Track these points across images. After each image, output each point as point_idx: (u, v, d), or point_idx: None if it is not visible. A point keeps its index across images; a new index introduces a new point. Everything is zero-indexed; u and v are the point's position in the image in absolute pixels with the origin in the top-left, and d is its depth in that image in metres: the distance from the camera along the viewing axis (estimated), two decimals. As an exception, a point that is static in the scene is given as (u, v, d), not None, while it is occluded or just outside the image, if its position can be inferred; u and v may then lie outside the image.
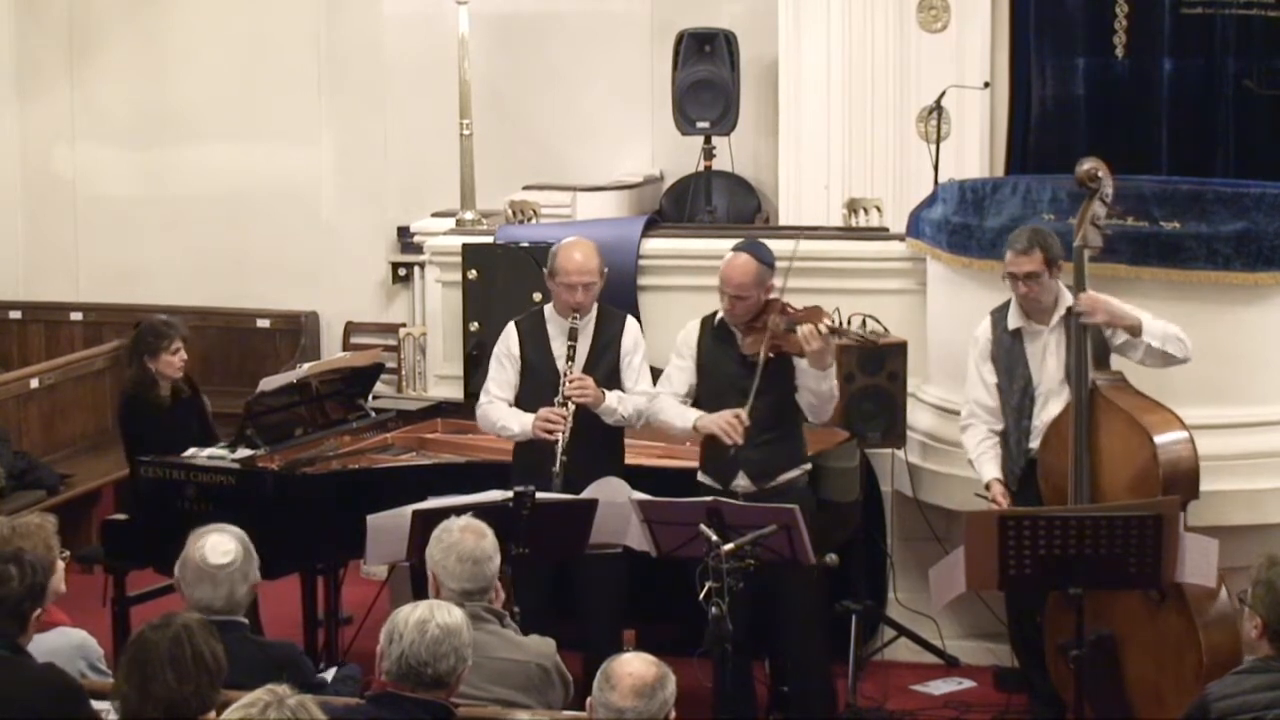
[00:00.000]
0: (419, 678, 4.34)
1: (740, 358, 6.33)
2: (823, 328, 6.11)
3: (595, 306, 6.54)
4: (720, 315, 6.41)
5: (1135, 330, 6.25)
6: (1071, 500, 6.17)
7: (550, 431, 6.31)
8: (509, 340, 6.59)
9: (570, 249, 6.48)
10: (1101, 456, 6.21)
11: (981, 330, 6.59)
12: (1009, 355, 6.49)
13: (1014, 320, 6.50)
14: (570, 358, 6.41)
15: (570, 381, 6.36)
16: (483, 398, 6.62)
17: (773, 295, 6.30)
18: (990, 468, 6.53)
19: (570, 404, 6.33)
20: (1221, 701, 4.62)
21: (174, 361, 7.50)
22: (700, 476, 6.44)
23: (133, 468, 7.14)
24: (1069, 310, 6.35)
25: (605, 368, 6.50)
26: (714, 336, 6.43)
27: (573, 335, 6.43)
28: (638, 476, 6.39)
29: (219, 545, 4.83)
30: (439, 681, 4.35)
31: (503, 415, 6.51)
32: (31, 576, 4.58)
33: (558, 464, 6.22)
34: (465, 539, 4.95)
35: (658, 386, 6.51)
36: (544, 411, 6.35)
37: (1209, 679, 5.09)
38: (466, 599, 4.82)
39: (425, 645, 4.33)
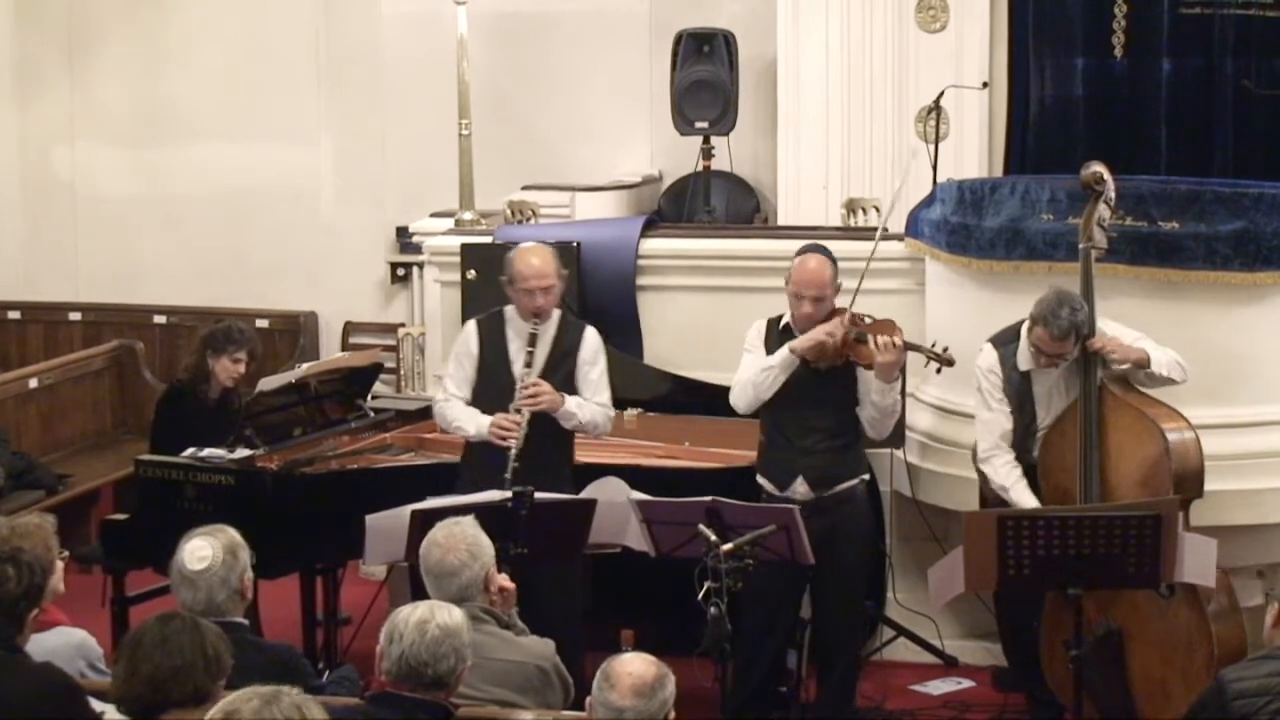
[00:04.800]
0: (419, 678, 4.34)
1: (804, 363, 6.36)
2: (898, 340, 6.17)
3: (557, 314, 6.56)
4: (785, 319, 6.44)
5: (1144, 363, 6.25)
6: (1080, 498, 6.16)
7: (504, 438, 6.32)
8: (469, 339, 6.61)
9: (527, 254, 6.50)
10: (1110, 453, 6.21)
11: (987, 364, 6.46)
12: (1018, 393, 6.44)
13: (1024, 363, 6.42)
14: (528, 363, 6.43)
15: (524, 390, 6.37)
16: (439, 394, 6.67)
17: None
18: (1030, 496, 6.35)
19: (525, 411, 6.35)
20: (1238, 683, 4.65)
21: (230, 368, 7.66)
22: (759, 479, 6.48)
23: (137, 465, 7.11)
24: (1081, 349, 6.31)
25: (562, 375, 6.51)
26: (778, 340, 6.45)
27: (532, 340, 6.44)
28: (640, 476, 6.42)
29: (196, 550, 4.82)
30: (439, 682, 4.36)
31: (459, 415, 6.53)
32: (29, 577, 4.57)
33: (509, 470, 6.20)
34: (431, 553, 4.98)
35: (736, 377, 6.50)
36: (499, 418, 6.37)
37: (1217, 674, 5.09)
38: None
39: (425, 646, 4.33)
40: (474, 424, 6.47)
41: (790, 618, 6.52)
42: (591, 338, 6.63)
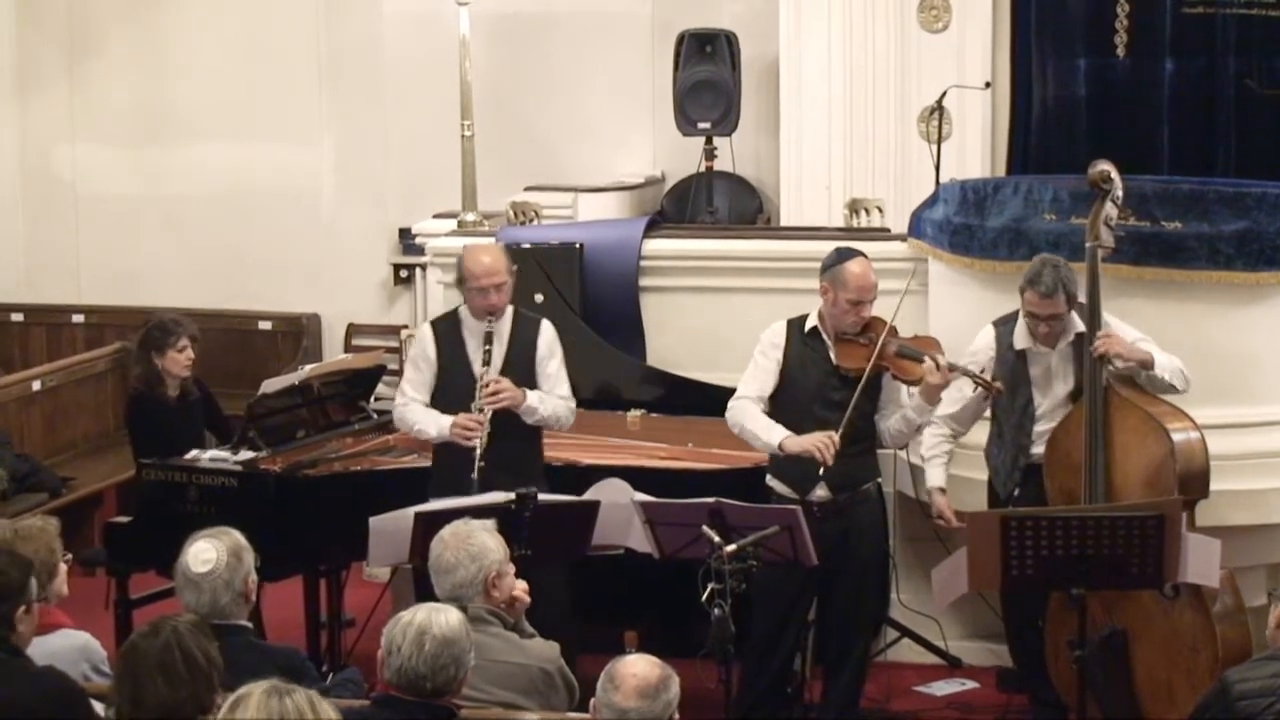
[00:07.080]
0: (419, 689, 4.34)
1: (832, 369, 6.34)
2: (943, 360, 6.15)
3: (511, 311, 6.55)
4: (811, 323, 6.40)
5: (1148, 365, 6.26)
6: (1085, 498, 6.16)
7: (468, 438, 6.30)
8: (425, 343, 6.59)
9: (477, 253, 6.51)
10: (1115, 453, 6.20)
11: (982, 345, 6.51)
12: (1012, 374, 6.45)
13: (1020, 341, 6.46)
14: (486, 362, 6.40)
15: (485, 388, 6.35)
16: (398, 399, 6.63)
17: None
18: (939, 473, 6.54)
19: (487, 410, 6.33)
20: (1242, 684, 4.65)
21: (180, 359, 7.55)
22: (770, 480, 6.46)
23: (139, 468, 7.14)
24: (1078, 335, 6.33)
25: (522, 371, 6.49)
26: (802, 342, 6.41)
27: (488, 339, 6.41)
28: (643, 477, 6.41)
29: (201, 553, 4.80)
30: (439, 691, 4.35)
31: (419, 417, 6.51)
32: (4, 575, 4.54)
33: (475, 470, 6.19)
34: (434, 547, 5.00)
35: (740, 387, 6.45)
36: (461, 418, 6.34)
37: (1221, 675, 5.09)
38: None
39: (423, 660, 4.32)
40: (435, 425, 6.43)
41: (802, 619, 6.51)
42: (547, 331, 6.61)
